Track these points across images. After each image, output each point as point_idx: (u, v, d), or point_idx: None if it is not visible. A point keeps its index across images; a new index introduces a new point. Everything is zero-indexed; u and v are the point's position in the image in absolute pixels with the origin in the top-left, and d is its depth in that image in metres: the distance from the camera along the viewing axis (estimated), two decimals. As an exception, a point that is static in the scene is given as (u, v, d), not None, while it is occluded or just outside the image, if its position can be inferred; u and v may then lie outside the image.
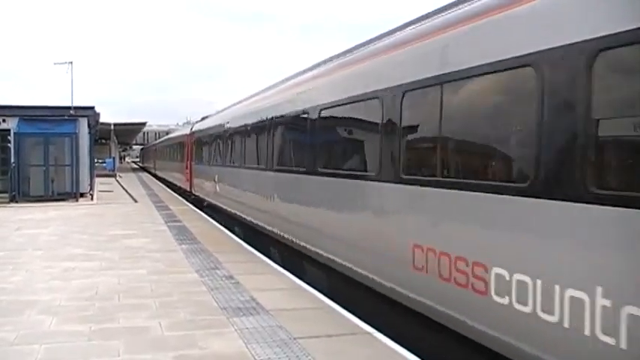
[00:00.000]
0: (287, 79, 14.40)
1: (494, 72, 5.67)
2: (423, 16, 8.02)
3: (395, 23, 9.22)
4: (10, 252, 12.84)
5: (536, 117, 5.01)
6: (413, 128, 7.41)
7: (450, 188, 6.19)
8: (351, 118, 9.48)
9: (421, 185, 6.74)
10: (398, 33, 8.53)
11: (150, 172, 64.14)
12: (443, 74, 6.46)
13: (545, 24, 5.15)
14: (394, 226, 7.33)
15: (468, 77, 6.10)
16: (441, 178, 6.42)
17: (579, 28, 4.68)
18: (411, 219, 7.00)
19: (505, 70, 5.52)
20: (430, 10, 7.99)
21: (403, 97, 7.25)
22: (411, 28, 8.15)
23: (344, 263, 8.94)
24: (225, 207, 19.38)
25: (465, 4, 6.76)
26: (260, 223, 14.13)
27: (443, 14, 7.23)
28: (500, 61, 5.54)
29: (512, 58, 5.38)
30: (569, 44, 4.75)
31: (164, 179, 44.48)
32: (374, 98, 8.06)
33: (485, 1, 6.29)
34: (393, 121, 7.49)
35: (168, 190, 35.77)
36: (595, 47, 4.50)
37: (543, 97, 4.96)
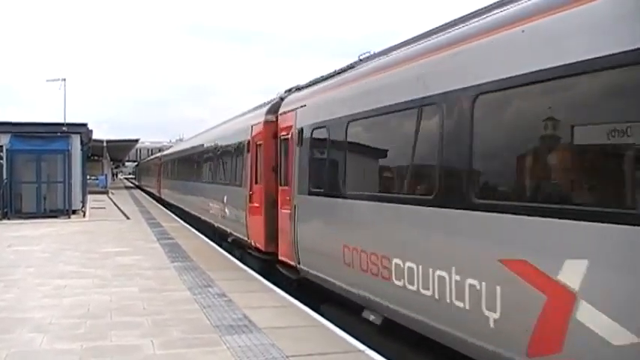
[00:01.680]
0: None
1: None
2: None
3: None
4: (2, 269, 12.79)
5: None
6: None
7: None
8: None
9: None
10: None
11: (152, 195, 49.05)
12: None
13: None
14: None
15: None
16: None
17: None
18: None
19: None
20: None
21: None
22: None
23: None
24: None
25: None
26: None
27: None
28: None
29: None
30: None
31: (180, 209, 29.11)
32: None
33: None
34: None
35: (159, 206, 35.65)
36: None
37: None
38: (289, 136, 11.48)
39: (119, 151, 67.94)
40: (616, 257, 4.33)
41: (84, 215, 27.64)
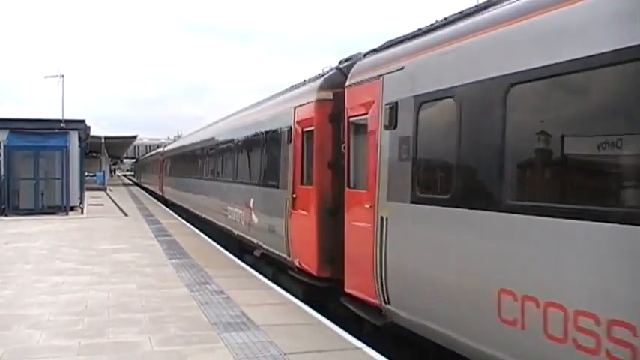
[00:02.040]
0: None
1: None
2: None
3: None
4: (0, 265, 12.78)
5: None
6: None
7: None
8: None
9: None
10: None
11: (152, 194, 45.92)
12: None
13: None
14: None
15: None
16: None
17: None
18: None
19: None
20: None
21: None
22: None
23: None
24: None
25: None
26: None
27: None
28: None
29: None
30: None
31: (186, 210, 26.44)
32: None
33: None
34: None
35: (159, 203, 35.63)
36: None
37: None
38: (368, 116, 8.08)
39: (117, 147, 67.82)
40: None
41: (82, 212, 27.62)
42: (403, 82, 7.30)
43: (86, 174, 41.04)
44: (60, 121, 27.99)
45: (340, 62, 10.51)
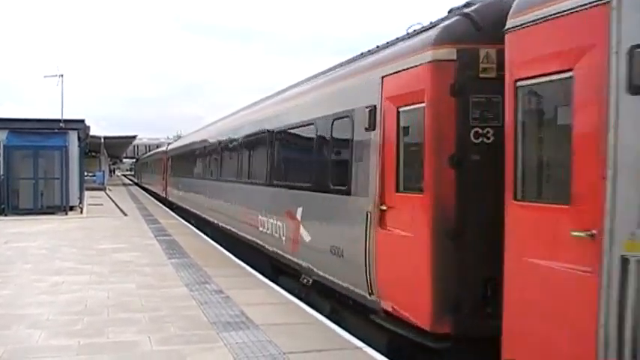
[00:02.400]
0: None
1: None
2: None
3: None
4: (-1, 265, 12.76)
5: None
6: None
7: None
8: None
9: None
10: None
11: (155, 195, 42.03)
12: None
13: None
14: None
15: None
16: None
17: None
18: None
19: None
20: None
21: None
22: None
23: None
24: None
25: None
26: None
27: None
28: None
29: None
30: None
31: (196, 215, 23.44)
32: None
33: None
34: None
35: (160, 204, 35.62)
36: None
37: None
38: (574, 73, 4.93)
39: (117, 147, 67.81)
40: None
41: (81, 212, 27.61)
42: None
43: (85, 174, 41.02)
44: (59, 120, 27.97)
45: (453, 10, 7.31)
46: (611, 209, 4.43)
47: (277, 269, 12.21)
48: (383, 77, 7.76)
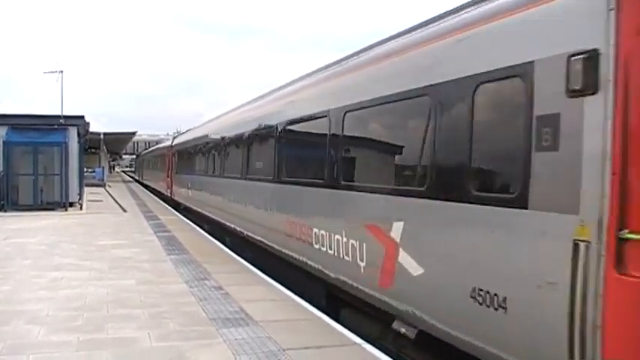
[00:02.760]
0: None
1: None
2: None
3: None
4: (-2, 261, 12.76)
5: None
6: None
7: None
8: None
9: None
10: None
11: (159, 194, 38.35)
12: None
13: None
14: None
15: None
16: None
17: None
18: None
19: None
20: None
21: None
22: None
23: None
24: None
25: None
26: None
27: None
28: None
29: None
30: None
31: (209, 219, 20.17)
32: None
33: None
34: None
35: (159, 201, 35.60)
36: None
37: None
38: None
39: (116, 143, 67.72)
40: None
41: (81, 208, 27.59)
42: None
43: (85, 170, 41.00)
44: (59, 117, 27.94)
45: None
46: None
47: (338, 300, 9.20)
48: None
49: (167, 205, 30.74)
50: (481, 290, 5.55)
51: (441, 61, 6.55)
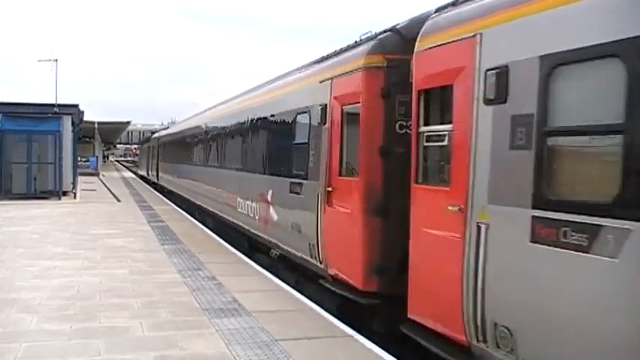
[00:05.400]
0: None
1: None
2: None
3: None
4: (-9, 250, 12.74)
5: None
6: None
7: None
8: None
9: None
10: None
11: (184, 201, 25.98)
12: None
13: None
14: None
15: None
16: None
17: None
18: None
19: None
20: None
21: None
22: None
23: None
24: None
25: None
26: None
27: None
28: None
29: None
30: None
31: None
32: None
33: None
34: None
35: (152, 189, 35.55)
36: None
37: None
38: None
39: (110, 133, 67.60)
40: None
41: (74, 197, 27.54)
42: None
43: (79, 159, 40.87)
44: (53, 105, 27.82)
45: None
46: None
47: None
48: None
49: (160, 195, 30.71)
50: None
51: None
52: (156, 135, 41.79)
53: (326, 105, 9.19)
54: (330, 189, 8.96)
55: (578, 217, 4.58)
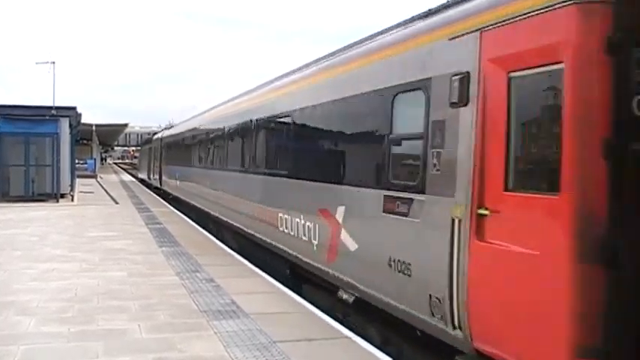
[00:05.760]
0: None
1: None
2: None
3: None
4: (-11, 252, 12.72)
5: None
6: None
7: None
8: None
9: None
10: None
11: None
12: None
13: None
14: None
15: None
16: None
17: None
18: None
19: None
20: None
21: None
22: None
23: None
24: None
25: None
26: None
27: None
28: None
29: None
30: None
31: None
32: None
33: None
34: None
35: (150, 191, 35.52)
36: None
37: None
38: None
39: (108, 135, 67.58)
40: None
41: (72, 199, 27.51)
42: None
43: (77, 161, 40.82)
44: (51, 107, 27.77)
45: None
46: None
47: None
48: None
49: (158, 197, 30.66)
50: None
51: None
52: (158, 135, 37.64)
53: (468, 73, 5.76)
54: (485, 212, 5.45)
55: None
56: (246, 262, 12.18)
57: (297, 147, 10.75)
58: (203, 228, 17.56)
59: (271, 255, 11.91)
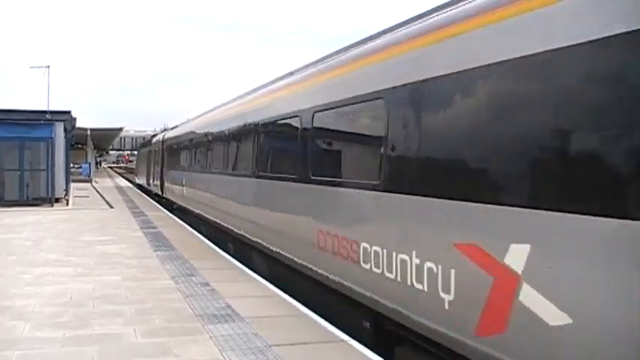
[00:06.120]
0: None
1: None
2: None
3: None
4: (-17, 257, 12.68)
5: None
6: None
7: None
8: None
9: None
10: None
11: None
12: None
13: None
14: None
15: None
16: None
17: None
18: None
19: None
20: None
21: None
22: None
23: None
24: None
25: None
26: None
27: None
28: None
29: None
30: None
31: None
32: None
33: None
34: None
35: (145, 196, 35.46)
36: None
37: None
38: None
39: (103, 139, 67.58)
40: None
41: (67, 203, 27.46)
42: None
43: (72, 165, 40.73)
44: (45, 112, 27.75)
45: None
46: None
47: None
48: None
49: (152, 201, 30.62)
50: None
51: None
52: (158, 137, 33.24)
53: None
54: None
55: None
56: (241, 265, 12.17)
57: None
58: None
59: (341, 297, 8.15)
